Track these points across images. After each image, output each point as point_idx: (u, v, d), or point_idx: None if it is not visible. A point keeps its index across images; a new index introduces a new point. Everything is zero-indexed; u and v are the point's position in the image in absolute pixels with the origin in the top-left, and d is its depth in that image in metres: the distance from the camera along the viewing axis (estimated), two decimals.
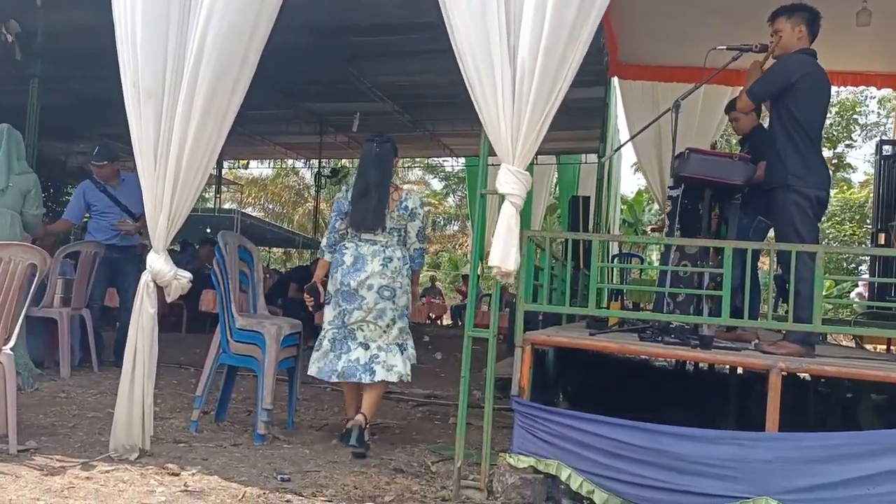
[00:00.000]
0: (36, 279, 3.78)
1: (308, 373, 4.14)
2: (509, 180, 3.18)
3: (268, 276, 10.20)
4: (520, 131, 3.16)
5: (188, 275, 3.69)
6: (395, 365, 4.01)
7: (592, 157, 11.56)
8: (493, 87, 3.16)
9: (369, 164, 4.14)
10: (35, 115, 6.97)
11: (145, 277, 3.59)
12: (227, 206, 21.84)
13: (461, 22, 3.19)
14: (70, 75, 8.86)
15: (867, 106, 22.10)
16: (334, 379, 4.04)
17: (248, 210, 25.56)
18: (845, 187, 20.79)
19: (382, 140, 4.21)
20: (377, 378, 3.96)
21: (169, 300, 3.77)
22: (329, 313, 4.11)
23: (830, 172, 4.22)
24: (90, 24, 5.60)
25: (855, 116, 21.73)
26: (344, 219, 4.15)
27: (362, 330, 4.02)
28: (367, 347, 4.01)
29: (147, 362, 3.55)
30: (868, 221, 13.70)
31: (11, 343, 3.65)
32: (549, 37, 3.09)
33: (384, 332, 4.03)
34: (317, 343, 4.15)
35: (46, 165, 10.53)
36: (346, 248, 4.10)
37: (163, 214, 3.56)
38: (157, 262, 3.59)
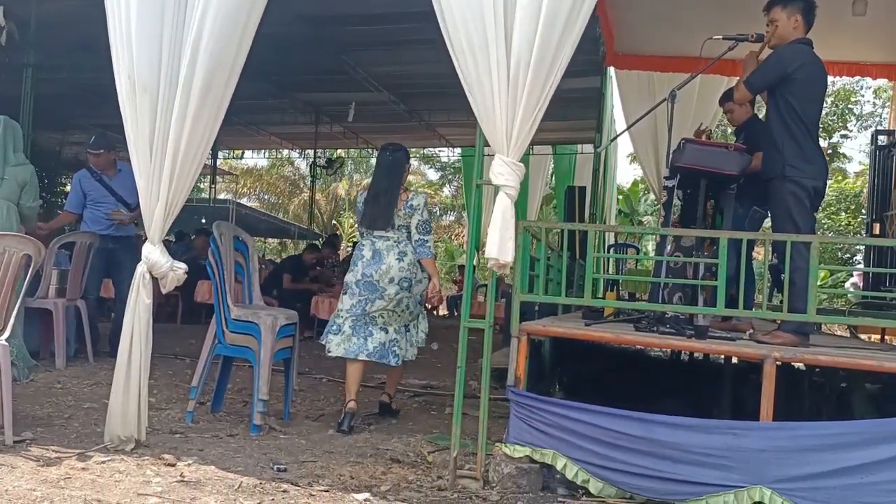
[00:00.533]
0: (31, 270, 3.77)
1: (332, 354, 4.38)
2: (503, 171, 3.17)
3: (263, 266, 10.18)
4: (514, 122, 3.14)
5: (184, 266, 3.68)
6: (401, 348, 4.44)
7: (589, 148, 11.52)
8: (490, 79, 3.14)
9: (382, 170, 4.54)
10: (29, 105, 6.94)
11: (141, 268, 3.57)
12: (222, 196, 21.86)
13: (458, 13, 3.16)
14: (64, 65, 8.81)
15: (862, 96, 22.07)
16: (363, 357, 4.31)
17: (244, 200, 25.56)
18: (840, 177, 20.78)
19: (395, 149, 4.59)
20: (400, 361, 4.41)
21: (164, 291, 3.76)
22: (347, 301, 4.41)
23: (827, 162, 4.21)
24: (83, 13, 5.56)
25: (850, 106, 21.69)
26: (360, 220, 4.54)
27: (382, 317, 4.39)
28: (386, 331, 4.39)
29: (142, 353, 3.53)
30: (863, 211, 13.72)
31: (7, 334, 3.65)
32: (544, 26, 3.08)
33: (399, 316, 4.42)
34: (335, 328, 4.42)
35: (41, 156, 10.48)
36: (364, 244, 4.47)
37: (159, 206, 3.55)
38: (154, 254, 3.58)
